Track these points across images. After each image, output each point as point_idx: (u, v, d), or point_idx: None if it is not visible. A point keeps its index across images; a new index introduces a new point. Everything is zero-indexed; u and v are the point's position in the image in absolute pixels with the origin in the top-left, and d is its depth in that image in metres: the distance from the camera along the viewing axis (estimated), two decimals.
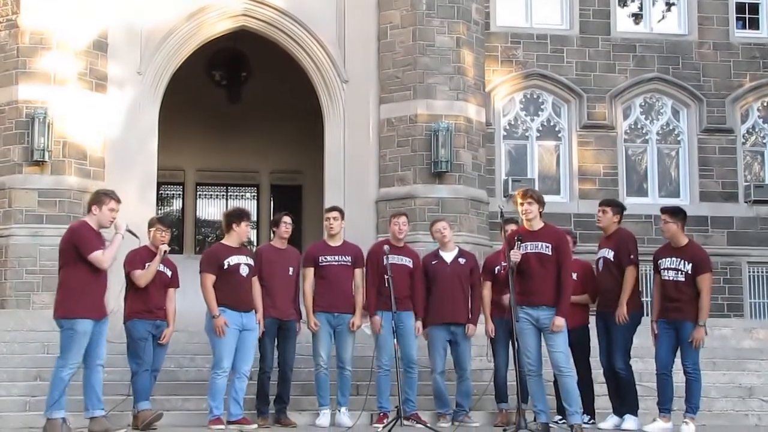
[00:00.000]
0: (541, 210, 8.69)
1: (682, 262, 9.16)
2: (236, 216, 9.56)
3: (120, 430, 8.67)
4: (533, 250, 8.51)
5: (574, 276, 9.06)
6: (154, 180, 15.86)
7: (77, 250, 8.32)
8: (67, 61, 14.98)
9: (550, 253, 8.52)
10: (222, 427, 9.07)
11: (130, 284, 9.31)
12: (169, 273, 9.48)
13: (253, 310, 9.46)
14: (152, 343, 9.27)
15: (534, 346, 8.50)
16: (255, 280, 9.56)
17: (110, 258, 8.40)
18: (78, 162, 14.99)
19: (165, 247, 9.32)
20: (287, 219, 9.95)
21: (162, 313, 9.33)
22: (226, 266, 9.30)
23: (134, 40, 15.75)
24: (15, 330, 11.72)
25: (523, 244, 8.51)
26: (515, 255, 8.42)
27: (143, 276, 9.21)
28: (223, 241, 9.62)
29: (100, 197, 8.58)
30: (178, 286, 9.58)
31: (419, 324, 9.94)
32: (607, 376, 9.65)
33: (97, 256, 8.29)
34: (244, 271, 9.38)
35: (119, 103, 15.56)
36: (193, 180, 21.51)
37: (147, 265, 9.26)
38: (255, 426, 9.30)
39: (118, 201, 8.65)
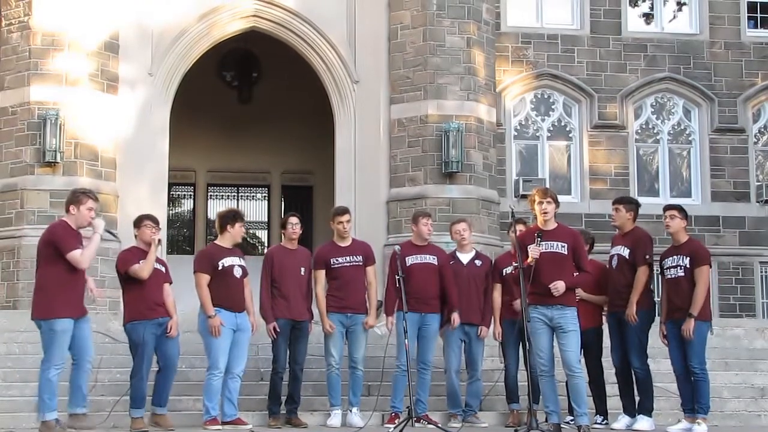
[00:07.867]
0: (556, 210, 8.67)
1: (681, 257, 9.21)
2: (231, 217, 9.46)
3: (97, 430, 8.63)
4: (548, 250, 8.45)
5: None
6: (165, 181, 15.91)
7: (56, 249, 8.31)
8: (79, 63, 15.04)
9: (565, 253, 8.48)
10: (218, 427, 9.05)
11: (127, 285, 9.18)
12: (163, 269, 9.34)
13: (245, 311, 9.41)
14: (161, 340, 9.08)
15: (547, 346, 8.47)
16: (247, 281, 9.50)
17: (89, 258, 8.39)
18: (90, 163, 15.04)
19: (159, 236, 9.14)
20: (293, 219, 9.92)
21: (162, 309, 9.15)
22: (220, 267, 9.26)
23: (145, 41, 15.80)
24: (28, 330, 11.68)
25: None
26: (535, 251, 8.36)
27: (144, 268, 9.02)
28: (216, 242, 9.57)
29: (78, 196, 8.54)
30: (171, 282, 9.45)
31: (456, 315, 9.77)
32: (619, 376, 9.63)
33: (75, 255, 8.29)
34: (237, 272, 9.33)
35: (130, 104, 15.61)
36: (204, 181, 21.55)
37: (141, 262, 9.08)
38: (249, 426, 9.27)
39: (96, 200, 8.66)
